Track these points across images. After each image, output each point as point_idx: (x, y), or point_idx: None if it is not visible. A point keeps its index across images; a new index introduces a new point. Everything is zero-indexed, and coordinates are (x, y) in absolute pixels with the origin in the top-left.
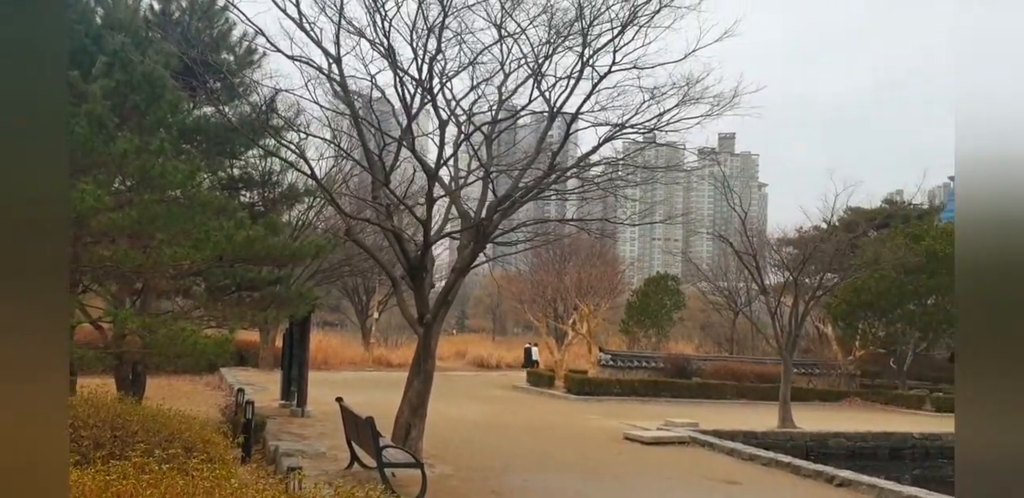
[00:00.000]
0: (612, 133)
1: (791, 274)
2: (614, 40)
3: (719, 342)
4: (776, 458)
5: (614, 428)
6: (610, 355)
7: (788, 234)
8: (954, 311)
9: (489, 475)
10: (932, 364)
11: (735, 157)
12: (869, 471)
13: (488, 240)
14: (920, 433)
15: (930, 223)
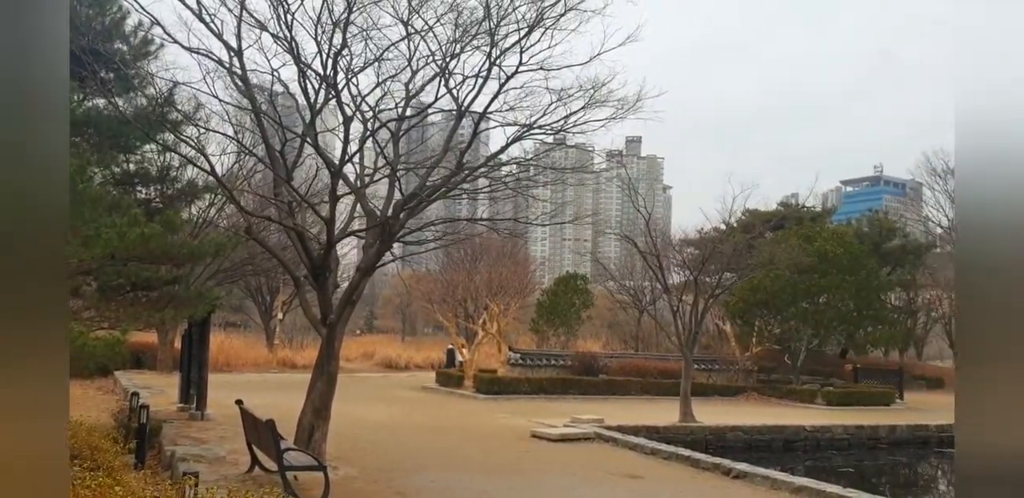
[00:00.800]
0: (520, 133)
1: (692, 274)
2: (521, 41)
3: (625, 340)
4: (676, 452)
5: (522, 426)
6: (519, 354)
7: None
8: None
9: (394, 476)
10: (823, 360)
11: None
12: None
13: (394, 239)
14: (811, 426)
15: (822, 225)
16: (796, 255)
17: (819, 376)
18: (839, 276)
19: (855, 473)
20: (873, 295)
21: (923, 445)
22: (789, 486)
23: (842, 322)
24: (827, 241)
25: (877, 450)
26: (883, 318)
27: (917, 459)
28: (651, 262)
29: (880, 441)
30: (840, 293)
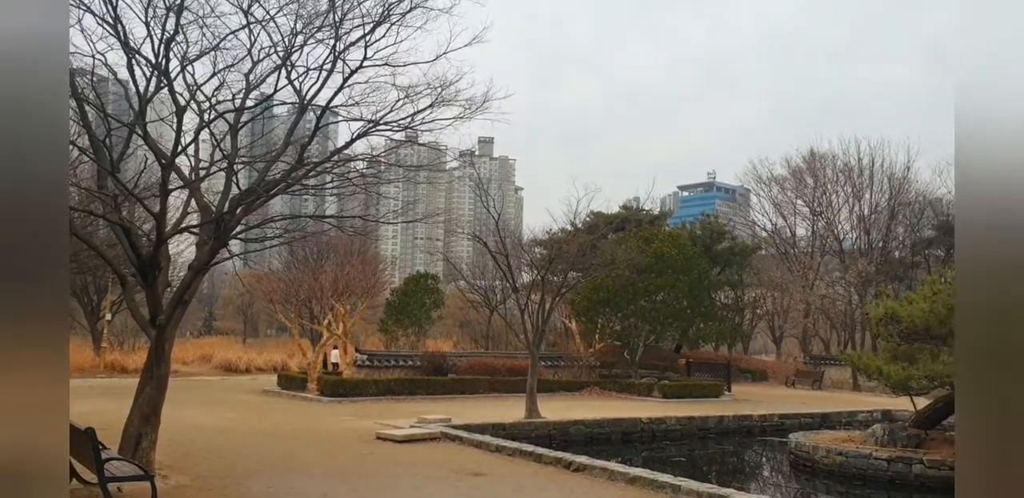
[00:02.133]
0: (365, 129)
1: (539, 273)
2: (366, 36)
3: (476, 339)
4: (520, 448)
5: (367, 428)
6: (366, 355)
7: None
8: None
9: (229, 483)
10: (660, 355)
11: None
12: (604, 455)
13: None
14: (648, 418)
15: (660, 228)
16: (635, 256)
17: (656, 370)
18: (674, 276)
19: (687, 462)
20: (704, 293)
21: (748, 434)
22: (625, 476)
23: (677, 319)
24: (664, 243)
25: (707, 439)
26: (713, 315)
27: (743, 447)
28: (501, 262)
29: (709, 431)
30: (675, 292)
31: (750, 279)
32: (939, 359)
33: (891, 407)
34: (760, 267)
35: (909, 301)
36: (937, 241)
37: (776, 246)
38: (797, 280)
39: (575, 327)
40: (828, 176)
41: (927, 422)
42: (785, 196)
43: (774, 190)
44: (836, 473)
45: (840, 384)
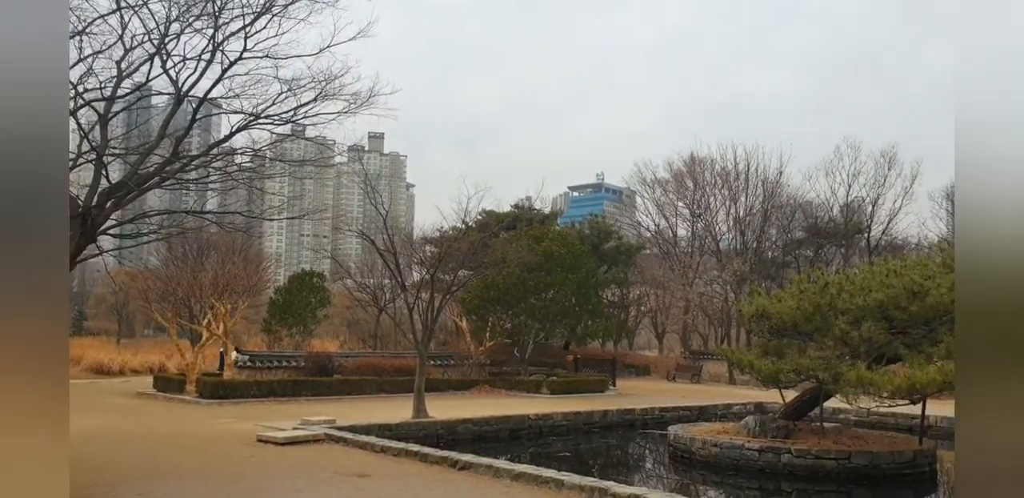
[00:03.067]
0: (246, 122)
1: (429, 271)
2: (246, 27)
3: (364, 338)
4: (407, 448)
5: (247, 431)
6: (248, 356)
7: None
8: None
9: (97, 491)
10: (549, 351)
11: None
12: (491, 452)
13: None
14: (535, 414)
15: (550, 227)
16: (526, 254)
17: (545, 367)
18: (563, 274)
19: (572, 456)
20: (592, 291)
21: (631, 427)
22: (510, 473)
23: (565, 316)
24: (553, 242)
25: (592, 434)
26: (600, 312)
27: (626, 440)
28: (389, 260)
29: (594, 425)
30: (564, 290)
31: (635, 277)
32: (805, 354)
33: (763, 399)
34: (644, 266)
35: (779, 299)
36: (806, 242)
37: (659, 246)
38: (678, 278)
39: (465, 326)
40: (707, 179)
41: (795, 414)
42: (667, 198)
43: (657, 192)
44: (711, 463)
45: (717, 378)
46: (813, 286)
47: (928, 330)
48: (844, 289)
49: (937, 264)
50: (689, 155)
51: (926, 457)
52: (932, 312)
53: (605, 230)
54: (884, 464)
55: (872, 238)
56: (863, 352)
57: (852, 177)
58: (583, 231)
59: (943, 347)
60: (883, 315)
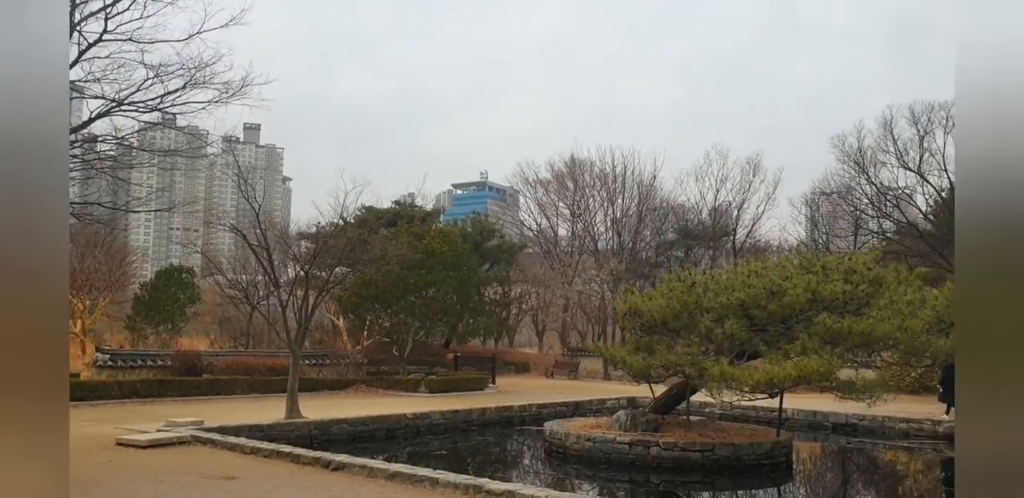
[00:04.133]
0: (107, 108)
1: (304, 268)
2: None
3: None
4: (278, 449)
5: (106, 434)
6: (109, 355)
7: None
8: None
9: None
10: (429, 350)
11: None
12: (367, 452)
13: None
14: (413, 414)
15: (432, 224)
16: (406, 252)
17: (424, 366)
18: (444, 272)
19: (450, 455)
20: (473, 289)
21: (508, 424)
22: (384, 473)
23: (446, 314)
24: (435, 239)
25: (470, 432)
26: (481, 310)
27: (503, 437)
28: (261, 256)
29: (473, 423)
30: (445, 288)
31: (516, 276)
32: (674, 350)
33: (636, 394)
34: (526, 264)
35: (650, 298)
36: (678, 243)
37: (540, 245)
38: (558, 277)
39: (342, 324)
40: (587, 181)
41: (663, 408)
42: (549, 198)
43: (539, 192)
44: (585, 458)
45: (594, 374)
46: (681, 285)
47: (785, 328)
48: (710, 288)
49: (794, 266)
50: (570, 157)
51: (783, 448)
52: (788, 311)
53: (488, 228)
54: (745, 455)
55: (737, 240)
56: (726, 348)
57: (720, 182)
58: (466, 229)
59: (798, 344)
60: (745, 313)
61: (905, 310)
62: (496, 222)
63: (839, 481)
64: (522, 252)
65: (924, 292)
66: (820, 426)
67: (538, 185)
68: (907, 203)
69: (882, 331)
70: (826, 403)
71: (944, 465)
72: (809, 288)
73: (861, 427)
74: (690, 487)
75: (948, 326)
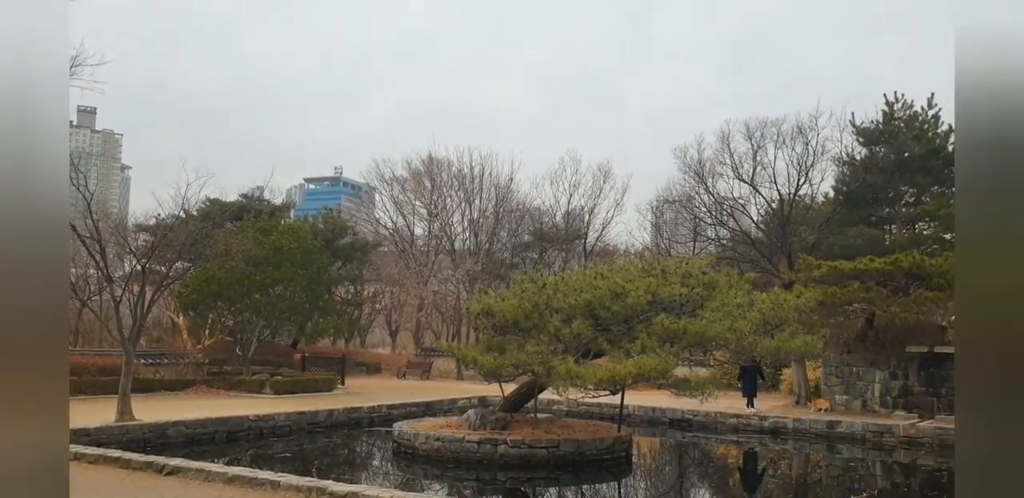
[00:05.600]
0: None
1: (140, 261)
2: None
3: None
4: (105, 454)
5: None
6: None
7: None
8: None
9: None
10: (275, 350)
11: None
12: (206, 456)
13: None
14: (255, 415)
15: (281, 219)
16: (252, 247)
17: (270, 366)
18: (293, 269)
19: (295, 457)
20: (323, 288)
21: (357, 426)
22: (223, 476)
23: (294, 313)
24: (283, 235)
25: (317, 434)
26: (332, 309)
27: (351, 439)
28: (92, 248)
29: (319, 425)
30: (293, 286)
31: (370, 275)
32: (524, 349)
33: (487, 393)
34: (380, 263)
35: (503, 298)
36: (533, 245)
37: (396, 243)
38: (413, 276)
39: (182, 322)
40: (444, 180)
41: (512, 406)
42: (406, 196)
43: (396, 190)
44: (434, 458)
45: (447, 374)
46: (533, 286)
47: (628, 327)
48: (559, 289)
49: (637, 269)
50: (427, 155)
51: (623, 443)
52: (631, 311)
53: (341, 225)
54: (588, 450)
55: (588, 244)
56: (573, 347)
57: (573, 187)
58: (317, 225)
59: (639, 343)
60: (591, 313)
61: (735, 312)
62: (350, 219)
63: (676, 474)
64: (376, 250)
65: (752, 296)
66: (659, 422)
67: (395, 183)
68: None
69: (714, 331)
70: (664, 400)
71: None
72: (650, 290)
73: (696, 422)
74: (536, 483)
75: (773, 328)
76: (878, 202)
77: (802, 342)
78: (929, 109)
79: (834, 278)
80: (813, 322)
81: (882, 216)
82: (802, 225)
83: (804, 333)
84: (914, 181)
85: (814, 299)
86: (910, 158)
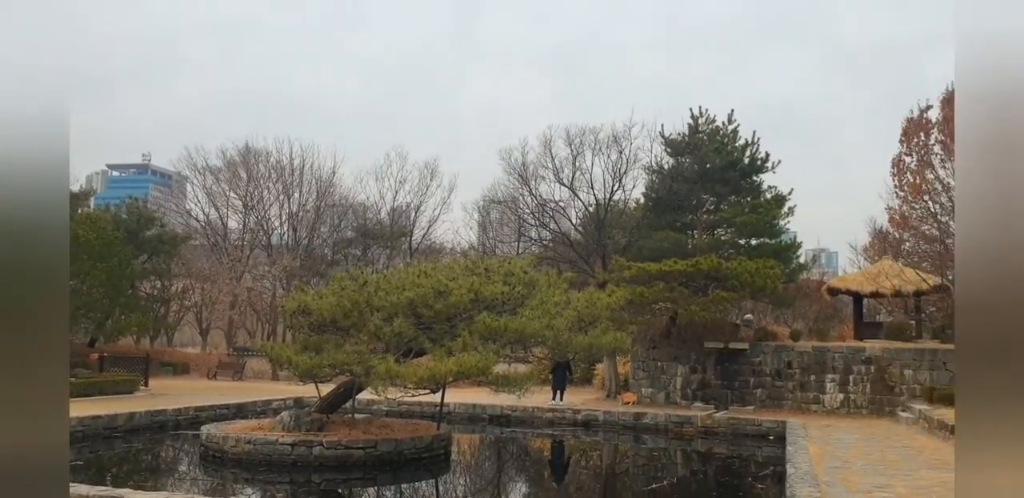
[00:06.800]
0: None
1: None
2: None
3: None
4: None
5: None
6: None
7: None
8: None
9: None
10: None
11: None
12: None
13: None
14: None
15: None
16: None
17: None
18: (90, 262)
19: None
20: (125, 283)
21: (161, 429)
22: None
23: (91, 310)
24: (80, 225)
25: (115, 439)
26: (135, 306)
27: (155, 444)
28: None
29: (118, 429)
30: (91, 280)
31: (179, 269)
32: (343, 348)
33: (303, 394)
34: (190, 257)
35: (321, 296)
36: (356, 242)
37: (208, 237)
38: (226, 272)
39: None
40: (261, 172)
41: (329, 407)
42: (220, 187)
43: (209, 180)
44: (245, 461)
45: (261, 374)
46: (353, 284)
47: (450, 326)
48: (381, 287)
49: (461, 267)
50: (244, 145)
51: (442, 441)
52: (453, 310)
53: (147, 216)
54: (406, 450)
55: (414, 242)
56: (394, 346)
57: (399, 183)
58: (120, 215)
59: (460, 341)
60: (413, 312)
61: (552, 310)
62: (158, 210)
63: (494, 469)
64: (186, 244)
65: (569, 294)
66: (479, 418)
67: (208, 172)
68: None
69: (533, 329)
70: (484, 397)
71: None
72: (472, 288)
73: (514, 418)
74: (352, 484)
75: (587, 325)
76: (683, 209)
77: (612, 338)
78: (729, 124)
79: (642, 278)
80: (623, 320)
81: (686, 222)
82: (616, 228)
83: (615, 330)
84: (714, 190)
85: (624, 298)
86: (711, 169)
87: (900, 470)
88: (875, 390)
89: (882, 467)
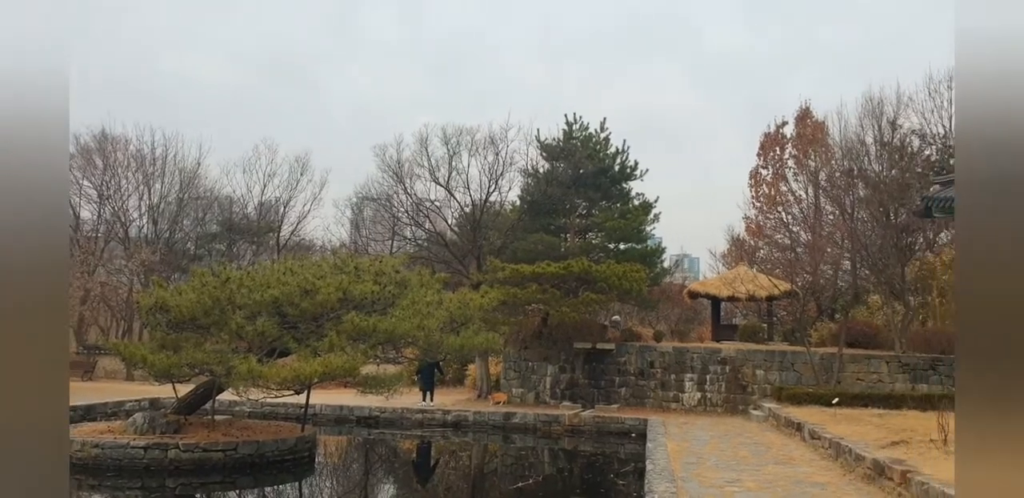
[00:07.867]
0: None
1: None
2: None
3: None
4: None
5: None
6: None
7: None
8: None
9: None
10: None
11: None
12: None
13: None
14: None
15: None
16: None
17: None
18: None
19: None
20: None
21: None
22: None
23: None
24: None
25: None
26: None
27: None
28: None
29: None
30: None
31: None
32: (203, 347)
33: (160, 395)
34: None
35: (180, 292)
36: (221, 236)
37: None
38: (78, 266)
39: None
40: (119, 160)
41: (187, 408)
42: (72, 175)
43: None
44: (92, 466)
45: (114, 374)
46: (215, 280)
47: (317, 325)
48: (244, 284)
49: (330, 265)
50: (100, 131)
51: (307, 442)
52: (320, 309)
53: None
54: (269, 452)
55: (282, 238)
56: (257, 346)
57: (268, 177)
58: None
59: (327, 341)
60: (277, 311)
61: (424, 310)
62: None
63: (360, 471)
64: None
65: (442, 295)
66: (346, 420)
67: None
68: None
69: (404, 329)
70: (351, 397)
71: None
72: (341, 287)
73: (383, 419)
74: (210, 488)
75: (459, 325)
76: (556, 212)
77: (484, 339)
78: (602, 132)
79: (516, 280)
80: (496, 320)
81: (559, 225)
82: (492, 230)
83: (487, 331)
84: (587, 195)
85: (497, 299)
86: (584, 174)
87: (750, 465)
88: (730, 389)
89: (734, 463)
